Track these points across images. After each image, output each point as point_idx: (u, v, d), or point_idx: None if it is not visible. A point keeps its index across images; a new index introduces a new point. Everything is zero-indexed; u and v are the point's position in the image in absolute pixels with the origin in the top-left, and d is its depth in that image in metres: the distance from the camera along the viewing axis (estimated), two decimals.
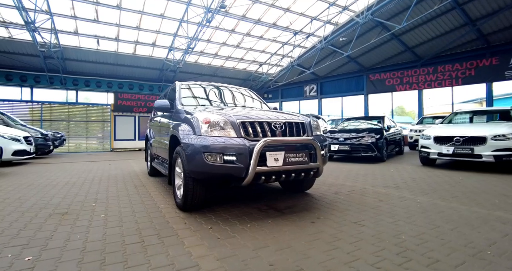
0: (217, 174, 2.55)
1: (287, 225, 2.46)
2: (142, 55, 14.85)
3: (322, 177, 4.88)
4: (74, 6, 10.51)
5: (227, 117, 2.70)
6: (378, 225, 2.41)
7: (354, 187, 4.06)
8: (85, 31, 12.21)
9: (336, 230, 2.29)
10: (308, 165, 2.74)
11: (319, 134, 3.21)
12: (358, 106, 16.55)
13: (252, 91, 4.73)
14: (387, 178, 4.74)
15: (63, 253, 1.99)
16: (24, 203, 3.35)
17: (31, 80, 13.46)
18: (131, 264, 1.80)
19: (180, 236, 2.26)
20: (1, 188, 4.19)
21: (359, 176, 5.04)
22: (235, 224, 2.51)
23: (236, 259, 1.83)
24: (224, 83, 4.75)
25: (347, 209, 2.92)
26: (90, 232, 2.39)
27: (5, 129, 7.34)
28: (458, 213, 2.73)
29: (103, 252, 1.99)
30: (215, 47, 15.10)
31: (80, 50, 13.31)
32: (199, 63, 16.50)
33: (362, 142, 7.00)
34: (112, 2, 10.64)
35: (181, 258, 1.87)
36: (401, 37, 12.83)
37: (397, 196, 3.47)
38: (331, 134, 7.73)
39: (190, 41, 12.70)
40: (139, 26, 12.36)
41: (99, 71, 15.08)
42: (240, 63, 17.31)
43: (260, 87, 20.23)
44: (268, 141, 2.51)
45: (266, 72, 18.07)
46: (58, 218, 2.78)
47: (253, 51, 15.91)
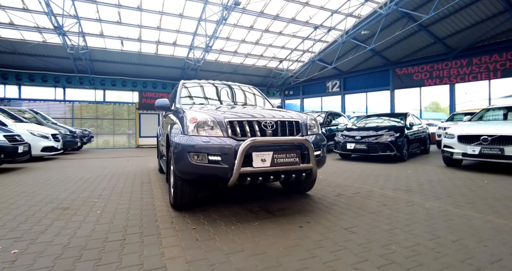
0: (202, 174, 2.50)
1: (272, 228, 2.35)
2: (164, 55, 15.27)
3: (330, 178, 4.68)
4: (99, 9, 11.02)
5: (214, 116, 2.64)
6: (371, 232, 2.22)
7: (361, 189, 3.82)
8: (109, 33, 12.79)
9: (322, 237, 2.15)
10: (300, 166, 2.59)
11: (317, 134, 3.04)
12: (383, 102, 15.74)
13: (256, 88, 4.63)
14: (401, 180, 4.41)
15: (47, 247, 2.05)
16: (35, 197, 3.55)
17: (64, 81, 14.41)
18: (103, 262, 1.81)
19: (161, 235, 2.25)
20: (22, 182, 4.49)
21: (371, 177, 4.76)
22: (220, 225, 2.45)
23: (204, 263, 1.76)
24: (244, 81, 4.72)
25: (343, 213, 2.74)
26: (80, 227, 2.46)
27: (36, 127, 7.91)
28: (469, 222, 2.44)
29: (83, 248, 2.03)
30: (234, 45, 15.11)
31: (106, 51, 13.98)
32: (219, 61, 16.62)
33: (380, 141, 6.61)
34: (133, 4, 11.01)
35: (153, 259, 1.84)
36: (430, 28, 11.92)
37: (404, 200, 3.20)
38: (347, 132, 7.40)
39: (209, 40, 12.82)
40: (159, 26, 12.69)
41: (124, 71, 15.75)
42: (260, 60, 17.19)
43: (281, 84, 19.99)
44: (254, 141, 2.41)
45: (286, 68, 17.77)
46: (58, 212, 2.90)
47: (273, 48, 15.70)
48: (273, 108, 3.52)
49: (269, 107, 4.04)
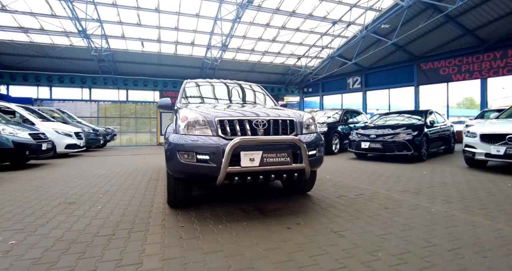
0: (191, 173, 2.51)
1: (259, 229, 2.31)
2: (183, 55, 15.60)
3: (338, 178, 4.53)
4: (119, 12, 11.47)
5: (205, 114, 2.63)
6: (361, 237, 2.10)
7: (366, 190, 3.65)
8: (130, 34, 13.29)
9: (307, 240, 2.07)
10: (291, 166, 2.52)
11: (313, 133, 2.94)
12: (407, 99, 14.98)
13: (260, 87, 4.57)
14: (413, 181, 4.17)
15: (41, 240, 2.16)
16: (48, 191, 3.77)
17: (89, 82, 15.21)
18: (86, 256, 1.87)
19: (149, 232, 2.28)
20: (42, 177, 4.79)
21: (382, 178, 4.54)
22: (209, 224, 2.45)
23: (179, 261, 1.77)
24: (262, 79, 4.70)
25: (338, 215, 2.63)
26: (78, 222, 2.57)
27: (60, 126, 8.42)
28: (474, 229, 2.24)
29: (73, 242, 2.11)
30: (251, 43, 15.08)
31: (127, 53, 14.54)
32: (237, 59, 16.69)
33: (396, 140, 6.29)
34: (151, 6, 11.33)
35: (132, 255, 1.88)
36: (458, 18, 11.12)
37: (409, 203, 3.01)
38: (362, 131, 7.12)
39: (225, 39, 12.90)
40: (177, 27, 12.97)
41: (145, 71, 16.30)
42: (277, 57, 17.03)
43: (299, 81, 19.71)
44: (241, 141, 2.37)
45: (305, 65, 17.46)
46: (63, 207, 3.05)
47: (290, 44, 15.48)
48: (273, 107, 3.45)
49: (270, 105, 3.98)
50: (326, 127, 8.43)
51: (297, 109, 3.84)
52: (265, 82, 19.65)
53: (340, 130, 8.85)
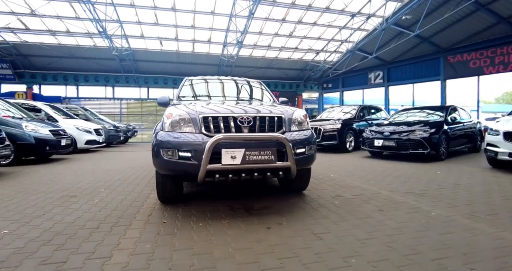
0: (174, 170, 2.51)
1: (238, 228, 2.26)
2: (200, 52, 15.80)
3: (342, 177, 4.35)
4: (138, 12, 11.82)
5: (190, 112, 2.61)
6: (340, 241, 1.98)
7: (367, 190, 3.47)
8: (149, 34, 13.66)
9: (282, 241, 1.99)
10: (276, 165, 2.44)
11: (302, 130, 2.82)
12: (433, 94, 14.09)
13: (260, 83, 4.48)
14: (422, 182, 3.90)
15: (31, 230, 2.26)
16: (56, 185, 3.97)
17: (113, 81, 15.90)
18: (64, 247, 1.93)
19: (130, 227, 2.32)
20: (56, 172, 5.07)
21: (389, 177, 4.29)
22: (191, 221, 2.44)
23: (146, 257, 1.77)
24: (279, 75, 4.66)
25: (326, 217, 2.51)
26: (71, 214, 2.67)
27: (81, 122, 8.88)
28: (472, 237, 2.03)
29: (58, 233, 2.19)
30: (268, 39, 14.92)
31: (147, 52, 14.99)
32: (253, 56, 16.61)
33: (411, 137, 5.93)
34: (168, 5, 11.54)
35: (105, 248, 1.91)
36: (491, 6, 10.20)
37: (409, 206, 2.81)
38: (376, 128, 6.79)
39: (241, 35, 12.87)
40: (193, 25, 13.13)
41: (164, 69, 16.71)
42: (295, 52, 16.73)
43: (319, 77, 19.25)
44: (221, 138, 2.32)
45: (323, 60, 16.98)
46: (64, 200, 3.19)
47: (308, 39, 15.12)
48: (267, 104, 3.36)
49: (268, 101, 3.89)
50: (340, 124, 8.15)
51: (290, 106, 3.70)
52: (283, 78, 19.43)
53: (355, 127, 8.52)
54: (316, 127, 8.21)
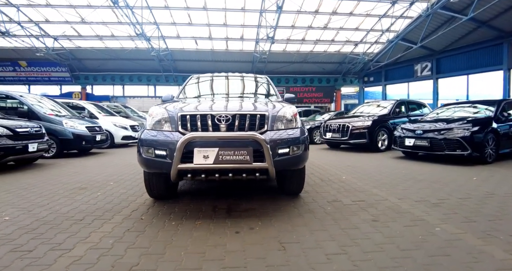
0: (152, 168, 2.52)
1: (206, 230, 2.17)
2: (234, 50, 15.99)
3: (353, 180, 3.99)
4: (172, 14, 12.35)
5: (170, 110, 2.58)
6: (303, 253, 1.77)
7: (373, 196, 3.10)
8: (184, 34, 14.21)
9: (241, 248, 1.85)
10: (251, 165, 2.29)
11: (288, 129, 2.60)
12: (493, 85, 12.24)
13: (267, 78, 4.30)
14: (446, 189, 3.36)
15: (26, 218, 2.47)
16: (76, 177, 4.32)
17: (154, 80, 16.96)
18: (42, 237, 2.08)
19: (110, 220, 2.40)
20: (84, 165, 5.55)
21: (410, 182, 3.80)
22: (168, 219, 2.43)
23: (100, 252, 1.82)
24: (316, 69, 4.53)
25: (306, 224, 2.28)
26: (70, 205, 2.86)
27: (119, 119, 9.62)
28: (472, 264, 1.65)
29: (45, 223, 2.36)
30: (301, 32, 14.46)
31: (184, 51, 15.63)
32: (287, 51, 16.27)
33: (448, 136, 5.18)
34: (199, 5, 11.84)
35: (73, 240, 2.01)
36: None
37: (412, 217, 2.42)
38: (408, 125, 6.10)
39: (272, 30, 12.66)
40: (225, 23, 13.30)
41: (200, 68, 17.25)
42: (331, 45, 15.96)
43: (359, 70, 18.14)
44: (192, 137, 2.25)
45: (363, 52, 15.91)
46: (73, 191, 3.45)
47: (345, 30, 14.28)
48: (261, 100, 3.20)
49: (272, 98, 3.71)
50: (371, 120, 7.51)
51: (284, 103, 3.49)
52: (320, 72, 18.72)
53: (389, 124, 7.78)
54: (344, 124, 7.70)
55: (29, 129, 5.02)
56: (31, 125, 5.17)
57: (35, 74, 15.62)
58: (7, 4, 10.53)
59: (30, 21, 11.85)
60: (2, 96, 6.88)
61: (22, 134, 4.85)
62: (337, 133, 7.88)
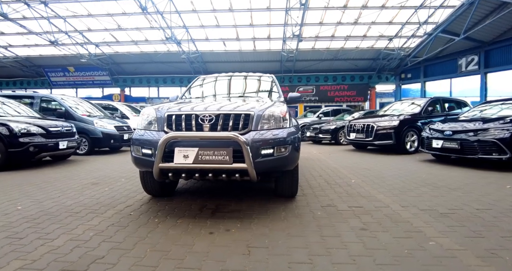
0: (140, 166, 2.60)
1: (183, 229, 2.17)
2: (261, 50, 15.98)
3: (362, 183, 3.73)
4: (200, 17, 12.72)
5: (158, 110, 2.64)
6: (265, 260, 1.67)
7: (374, 203, 2.86)
8: (213, 36, 14.56)
9: (206, 250, 1.81)
10: (231, 166, 2.25)
11: (275, 129, 2.50)
12: None
13: (273, 78, 4.20)
14: (462, 199, 2.98)
15: (34, 208, 2.71)
16: (96, 173, 4.66)
17: (186, 82, 17.64)
18: (37, 226, 2.26)
19: (102, 215, 2.54)
20: (111, 162, 5.96)
21: (423, 188, 3.44)
22: (153, 216, 2.49)
23: (76, 244, 1.92)
24: (348, 66, 4.48)
25: (285, 229, 2.17)
26: (75, 198, 3.08)
27: None
28: None
29: (47, 214, 2.56)
30: (330, 29, 13.95)
31: (213, 53, 16.03)
32: (316, 48, 15.82)
33: (482, 138, 4.60)
34: (225, 7, 12.03)
35: (60, 231, 2.16)
36: None
37: (408, 228, 2.18)
38: (437, 125, 5.55)
39: (299, 28, 12.42)
40: (252, 23, 13.35)
41: (229, 69, 17.52)
42: (363, 41, 15.18)
43: (395, 66, 17.00)
44: (172, 136, 2.28)
45: (399, 47, 14.87)
46: (86, 186, 3.70)
47: (377, 25, 13.48)
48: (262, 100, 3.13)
49: (274, 97, 3.62)
50: (398, 120, 6.98)
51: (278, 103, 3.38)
52: (352, 69, 17.91)
53: (419, 124, 7.16)
54: (369, 124, 7.27)
55: (60, 128, 5.53)
56: (63, 125, 5.68)
57: (81, 78, 17.23)
58: (56, 16, 11.74)
59: (75, 30, 13.10)
60: (47, 99, 7.68)
61: (54, 133, 5.35)
62: (361, 134, 7.46)
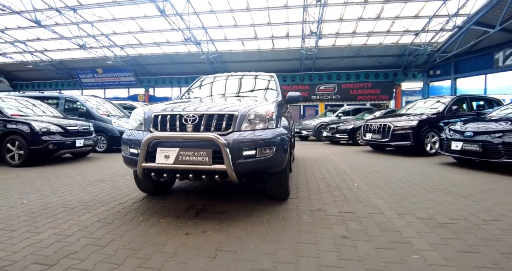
0: (128, 165, 2.65)
1: (162, 228, 2.18)
2: (280, 48, 15.82)
3: (364, 187, 3.54)
4: (218, 17, 12.85)
5: (147, 110, 2.68)
6: (231, 264, 1.62)
7: (368, 209, 2.69)
8: (231, 36, 14.65)
9: (175, 250, 1.79)
10: (210, 167, 2.23)
11: (258, 129, 2.43)
12: None
13: (273, 77, 4.11)
14: (471, 208, 2.71)
15: (37, 203, 2.88)
16: (106, 170, 4.87)
17: None
18: (32, 220, 2.41)
19: (93, 211, 2.64)
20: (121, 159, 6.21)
21: (429, 195, 3.18)
22: (140, 214, 2.55)
23: (57, 238, 2.02)
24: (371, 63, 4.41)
25: (261, 233, 2.09)
26: (78, 194, 3.23)
27: None
28: None
29: (46, 208, 2.72)
30: (351, 25, 13.46)
31: (232, 53, 16.14)
32: (337, 45, 15.35)
33: (508, 139, 4.17)
34: (242, 6, 12.04)
35: (49, 225, 2.28)
36: None
37: (395, 239, 2.01)
38: (459, 126, 5.13)
39: (317, 26, 12.13)
40: (269, 22, 13.25)
41: (248, 68, 17.55)
42: (387, 36, 14.47)
43: (423, 62, 16.04)
44: (153, 137, 2.30)
45: (426, 42, 13.99)
46: (92, 183, 3.88)
47: (402, 19, 12.77)
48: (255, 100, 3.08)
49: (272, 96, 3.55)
50: (416, 120, 6.56)
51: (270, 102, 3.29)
52: (376, 67, 17.19)
53: (442, 124, 6.67)
54: (385, 124, 6.91)
55: (78, 127, 5.85)
56: (81, 124, 6.01)
57: (108, 79, 18.18)
58: (84, 21, 12.47)
59: (101, 34, 13.82)
60: (70, 100, 8.18)
61: (71, 132, 5.68)
62: (377, 134, 7.12)
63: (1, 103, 5.74)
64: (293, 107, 18.72)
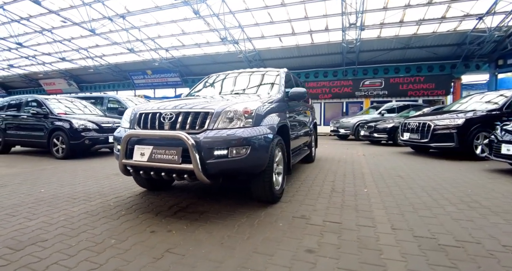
0: (117, 160, 2.76)
1: (136, 225, 2.23)
2: (320, 43, 15.16)
3: (374, 194, 3.17)
4: (254, 15, 12.82)
5: (135, 109, 2.76)
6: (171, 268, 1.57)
7: (361, 220, 2.36)
8: (268, 33, 14.51)
9: (128, 246, 1.80)
10: (179, 166, 2.20)
11: (235, 128, 2.31)
12: None
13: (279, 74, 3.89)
14: (497, 228, 2.20)
15: (51, 192, 3.22)
16: None
17: None
18: (35, 207, 2.70)
19: (89, 203, 2.84)
20: None
21: (449, 207, 2.67)
22: (126, 208, 2.66)
23: (39, 226, 2.21)
24: (425, 55, 4.19)
25: (225, 237, 1.99)
26: (89, 186, 3.53)
27: None
28: None
29: (55, 197, 3.04)
30: (398, 13, 12.20)
31: (270, 50, 16.00)
32: (382, 37, 14.10)
33: None
34: (277, 2, 11.80)
35: (43, 213, 2.52)
36: None
37: (367, 260, 1.72)
38: (511, 126, 4.26)
39: (359, 16, 11.30)
40: (306, 16, 12.76)
41: (287, 65, 17.18)
42: (442, 23, 12.78)
43: (490, 51, 13.84)
44: (129, 134, 2.36)
45: (493, 26, 11.97)
46: (108, 176, 4.18)
47: (459, 2, 11.13)
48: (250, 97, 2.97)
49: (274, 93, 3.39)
50: (463, 119, 5.65)
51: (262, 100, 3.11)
52: (430, 58, 15.37)
53: (498, 123, 5.61)
54: (424, 122, 6.11)
55: (111, 124, 6.39)
56: (114, 121, 6.56)
57: (157, 80, 19.61)
58: (132, 27, 13.62)
59: (148, 38, 14.93)
60: (113, 100, 9.01)
61: (105, 128, 6.23)
62: (415, 134, 6.33)
63: (54, 104, 6.57)
64: (335, 105, 17.84)
